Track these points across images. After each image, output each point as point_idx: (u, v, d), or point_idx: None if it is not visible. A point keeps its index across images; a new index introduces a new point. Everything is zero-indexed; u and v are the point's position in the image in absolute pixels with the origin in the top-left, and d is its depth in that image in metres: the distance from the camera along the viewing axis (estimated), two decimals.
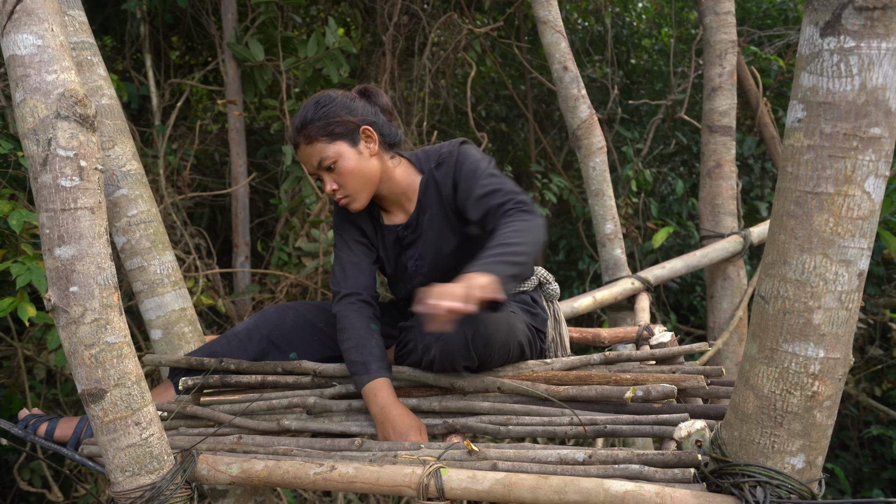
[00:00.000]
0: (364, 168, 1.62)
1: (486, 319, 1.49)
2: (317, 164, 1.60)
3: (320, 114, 1.59)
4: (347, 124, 1.61)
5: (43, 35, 1.16)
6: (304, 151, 1.61)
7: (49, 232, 1.17)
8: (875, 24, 0.96)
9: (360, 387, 1.54)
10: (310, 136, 1.59)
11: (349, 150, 1.60)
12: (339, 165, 1.60)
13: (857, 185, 1.01)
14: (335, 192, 1.62)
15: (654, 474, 1.18)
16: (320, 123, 1.59)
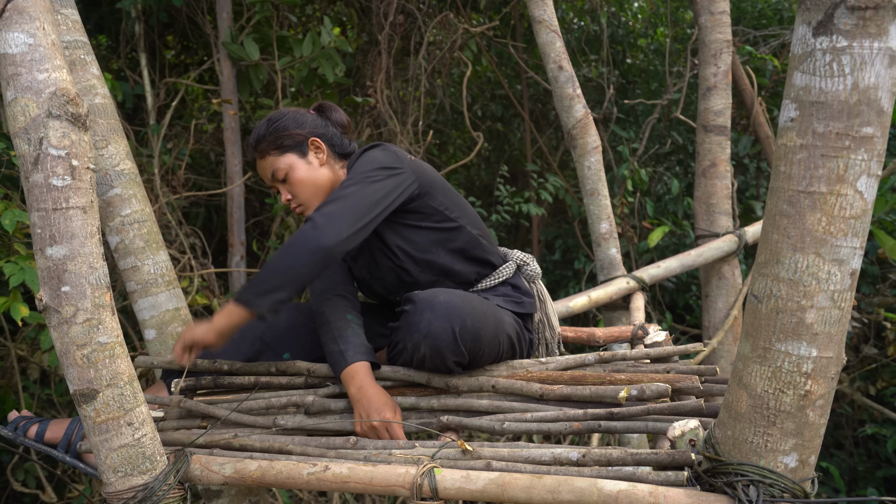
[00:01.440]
0: (314, 177, 1.72)
1: (474, 314, 1.50)
2: (271, 175, 1.72)
3: (271, 129, 1.72)
4: (296, 136, 1.72)
5: (34, 33, 1.16)
6: (260, 166, 1.74)
7: (41, 231, 1.17)
8: (867, 24, 0.96)
9: (338, 373, 1.58)
10: (262, 150, 1.72)
11: (298, 161, 1.71)
12: (291, 176, 1.71)
13: (850, 185, 1.01)
14: (290, 202, 1.73)
15: (647, 474, 1.18)
16: (271, 138, 1.71)
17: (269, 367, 1.68)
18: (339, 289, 1.74)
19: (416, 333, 1.47)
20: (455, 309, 1.47)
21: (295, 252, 1.45)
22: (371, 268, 1.75)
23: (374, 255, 1.72)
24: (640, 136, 4.50)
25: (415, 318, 1.48)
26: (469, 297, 1.54)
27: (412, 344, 1.49)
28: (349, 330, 1.63)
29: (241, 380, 1.66)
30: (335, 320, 1.65)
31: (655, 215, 4.50)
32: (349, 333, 1.62)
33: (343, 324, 1.64)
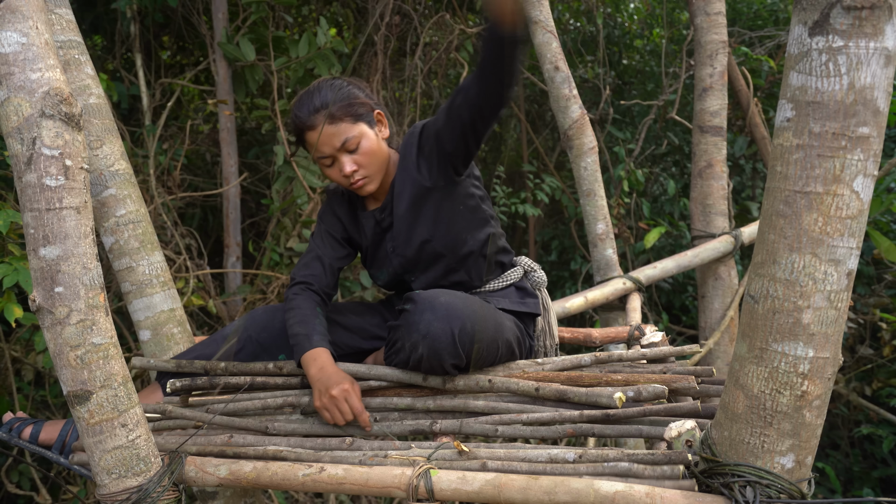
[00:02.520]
0: (381, 150, 1.67)
1: (473, 316, 1.49)
2: (340, 144, 1.61)
3: (342, 95, 1.62)
4: (366, 106, 1.65)
5: (27, 33, 1.15)
6: (326, 132, 1.61)
7: (34, 232, 1.16)
8: (863, 24, 0.96)
9: (300, 355, 1.57)
10: (334, 115, 1.60)
11: (370, 132, 1.64)
12: (363, 145, 1.63)
13: (846, 185, 1.01)
14: (354, 174, 1.64)
15: (644, 474, 1.18)
16: (344, 103, 1.61)
17: (264, 367, 1.67)
18: (317, 285, 1.74)
19: (416, 333, 1.46)
20: (456, 311, 1.46)
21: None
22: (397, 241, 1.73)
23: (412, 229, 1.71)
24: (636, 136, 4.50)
25: (415, 318, 1.47)
26: (470, 300, 1.53)
27: (410, 343, 1.48)
28: (317, 320, 1.64)
29: (237, 380, 1.65)
30: (306, 308, 1.66)
31: (652, 216, 4.51)
32: (317, 322, 1.63)
33: (312, 313, 1.65)
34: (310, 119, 1.62)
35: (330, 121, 1.60)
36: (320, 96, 1.62)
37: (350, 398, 1.48)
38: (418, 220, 1.70)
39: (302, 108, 1.63)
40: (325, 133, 1.61)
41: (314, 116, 1.61)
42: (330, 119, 1.60)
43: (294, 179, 3.55)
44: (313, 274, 1.75)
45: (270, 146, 4.25)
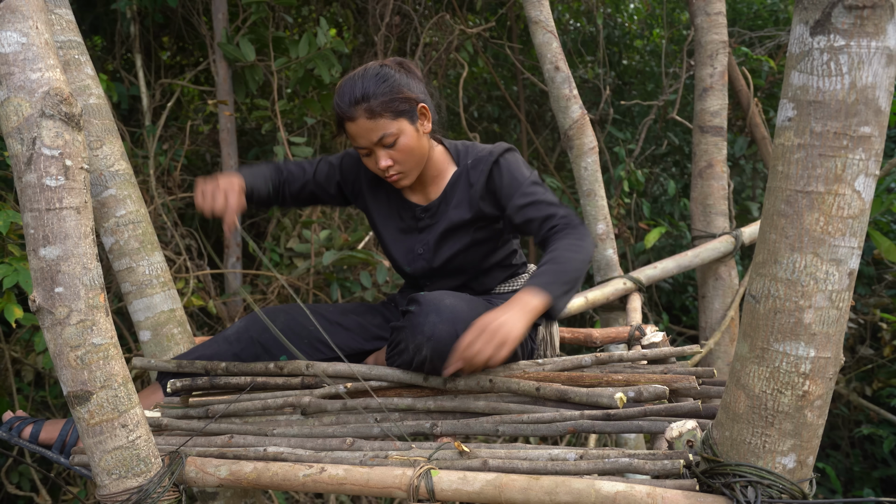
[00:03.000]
0: (420, 146, 1.63)
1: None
2: (377, 139, 1.57)
3: (384, 89, 1.56)
4: (410, 101, 1.59)
5: (27, 33, 1.15)
6: (363, 126, 1.56)
7: (34, 232, 1.16)
8: (864, 23, 0.96)
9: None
10: (373, 110, 1.55)
11: (410, 128, 1.60)
12: (400, 142, 1.58)
13: (848, 184, 1.00)
14: (389, 168, 1.61)
15: (645, 469, 1.18)
16: (385, 98, 1.56)
17: (265, 367, 1.67)
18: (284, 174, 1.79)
19: (420, 335, 1.46)
20: (460, 314, 1.46)
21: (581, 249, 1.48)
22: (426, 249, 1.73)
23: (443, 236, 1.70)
24: (636, 137, 4.50)
25: (419, 320, 1.47)
26: (475, 303, 1.53)
27: (414, 345, 1.48)
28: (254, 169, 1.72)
29: (238, 380, 1.65)
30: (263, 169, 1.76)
31: (652, 216, 4.51)
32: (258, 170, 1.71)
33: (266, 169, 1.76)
34: (349, 110, 1.57)
35: (369, 115, 1.55)
36: (363, 86, 1.56)
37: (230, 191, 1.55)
38: (456, 237, 1.70)
39: (343, 96, 1.58)
40: (362, 127, 1.57)
41: (354, 108, 1.56)
42: (369, 114, 1.55)
43: None
44: (290, 170, 1.79)
45: (270, 147, 4.24)
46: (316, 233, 3.55)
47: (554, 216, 1.57)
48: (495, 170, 1.64)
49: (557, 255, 1.46)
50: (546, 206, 1.58)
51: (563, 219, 1.56)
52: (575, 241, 1.50)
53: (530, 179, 1.62)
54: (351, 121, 1.57)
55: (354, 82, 1.57)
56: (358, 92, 1.56)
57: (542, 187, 1.63)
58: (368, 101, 1.55)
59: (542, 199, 1.59)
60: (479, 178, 1.65)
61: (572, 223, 1.55)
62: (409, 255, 1.76)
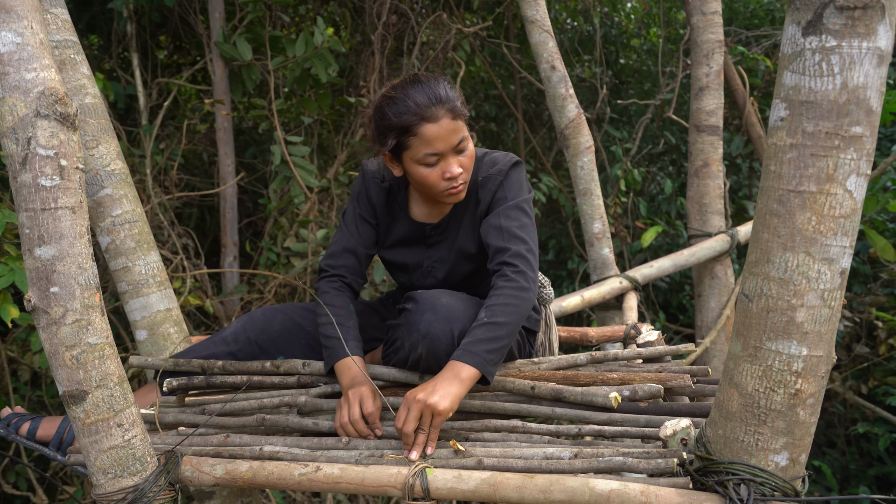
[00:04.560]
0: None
1: (474, 319, 1.49)
2: (457, 142, 1.50)
3: (455, 93, 1.51)
4: (465, 112, 1.55)
5: (22, 33, 1.15)
6: (447, 126, 1.48)
7: (29, 232, 1.16)
8: (856, 24, 0.97)
9: (332, 361, 1.55)
10: (456, 109, 1.49)
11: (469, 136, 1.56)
12: (469, 149, 1.53)
13: (839, 184, 1.01)
14: (460, 176, 1.53)
15: (639, 468, 1.19)
16: (460, 101, 1.51)
17: (262, 365, 1.67)
18: (350, 278, 1.69)
19: (416, 333, 1.46)
20: (456, 312, 1.46)
21: (516, 307, 1.45)
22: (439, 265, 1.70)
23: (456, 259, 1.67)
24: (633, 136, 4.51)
25: (415, 318, 1.47)
26: (471, 302, 1.53)
27: (410, 343, 1.48)
28: (351, 321, 1.60)
29: (234, 379, 1.65)
30: (340, 305, 1.61)
31: (649, 215, 4.51)
32: (351, 325, 1.59)
33: (346, 312, 1.61)
34: (431, 110, 1.47)
35: (453, 115, 1.48)
36: (440, 87, 1.49)
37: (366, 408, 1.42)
38: (469, 260, 1.68)
39: (422, 95, 1.48)
40: (445, 128, 1.47)
41: (437, 108, 1.47)
42: (453, 114, 1.48)
43: (291, 179, 3.55)
44: (346, 265, 1.68)
45: (267, 146, 4.24)
46: (313, 232, 3.55)
47: (505, 251, 1.51)
48: (500, 187, 1.61)
49: (495, 313, 1.43)
50: (508, 237, 1.52)
51: (513, 259, 1.50)
52: (512, 292, 1.46)
53: (516, 202, 1.57)
54: (432, 121, 1.47)
55: (429, 83, 1.50)
56: (441, 92, 1.48)
57: (522, 213, 1.57)
58: (451, 101, 1.48)
59: (510, 227, 1.54)
60: (486, 197, 1.61)
61: (517, 267, 1.49)
62: (417, 269, 1.73)
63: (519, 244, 1.51)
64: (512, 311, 1.44)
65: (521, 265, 1.49)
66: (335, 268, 1.68)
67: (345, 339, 1.55)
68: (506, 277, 1.48)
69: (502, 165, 1.61)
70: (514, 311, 1.44)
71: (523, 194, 1.60)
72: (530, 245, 1.53)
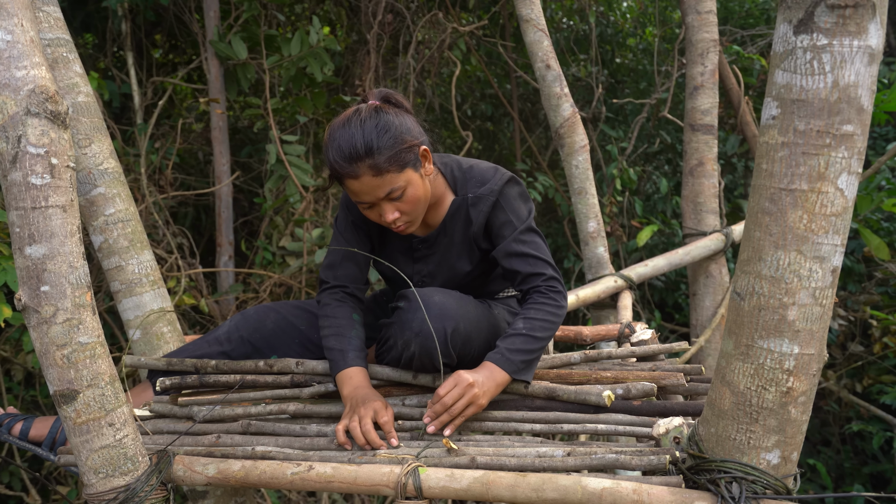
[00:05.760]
0: (426, 191, 1.53)
1: (467, 317, 1.49)
2: (384, 194, 1.45)
3: (387, 140, 1.42)
4: (414, 149, 1.47)
5: (12, 30, 1.14)
6: (369, 183, 1.43)
7: (19, 230, 1.16)
8: (847, 22, 0.97)
9: (335, 373, 1.54)
10: (379, 166, 1.41)
11: (415, 176, 1.48)
12: (408, 193, 1.47)
13: (831, 182, 1.01)
14: (396, 220, 1.50)
15: (631, 464, 1.19)
16: (390, 153, 1.42)
17: (255, 364, 1.67)
18: (352, 287, 1.66)
19: (408, 331, 1.46)
20: (449, 311, 1.46)
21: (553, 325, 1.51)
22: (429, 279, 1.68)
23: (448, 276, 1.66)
24: (628, 135, 4.51)
25: (408, 316, 1.47)
26: (465, 301, 1.53)
27: (403, 341, 1.48)
28: (353, 331, 1.58)
29: (227, 378, 1.65)
30: (341, 316, 1.60)
31: (644, 214, 4.52)
32: (352, 335, 1.58)
33: (347, 322, 1.59)
34: (351, 167, 1.42)
35: (375, 172, 1.42)
36: (364, 139, 1.41)
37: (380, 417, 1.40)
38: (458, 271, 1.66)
39: (342, 151, 1.42)
40: (367, 184, 1.43)
41: (356, 165, 1.41)
42: (375, 171, 1.41)
43: (287, 178, 3.54)
44: (346, 274, 1.65)
45: (263, 145, 4.24)
46: (308, 231, 3.54)
47: (540, 276, 1.55)
48: (496, 207, 1.57)
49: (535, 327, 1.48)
50: (535, 262, 1.55)
51: (548, 282, 1.55)
52: (552, 310, 1.51)
53: (526, 224, 1.57)
54: (353, 178, 1.43)
55: (352, 136, 1.42)
56: (360, 146, 1.41)
57: (535, 234, 1.59)
58: (373, 157, 1.41)
59: (534, 252, 1.56)
60: (479, 219, 1.58)
61: (555, 287, 1.54)
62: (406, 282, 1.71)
63: (547, 268, 1.56)
64: (549, 327, 1.50)
65: (558, 286, 1.55)
66: (336, 278, 1.65)
67: (344, 350, 1.55)
68: (545, 294, 1.53)
69: (494, 185, 1.57)
70: (550, 329, 1.50)
71: (527, 215, 1.60)
72: (555, 267, 1.59)
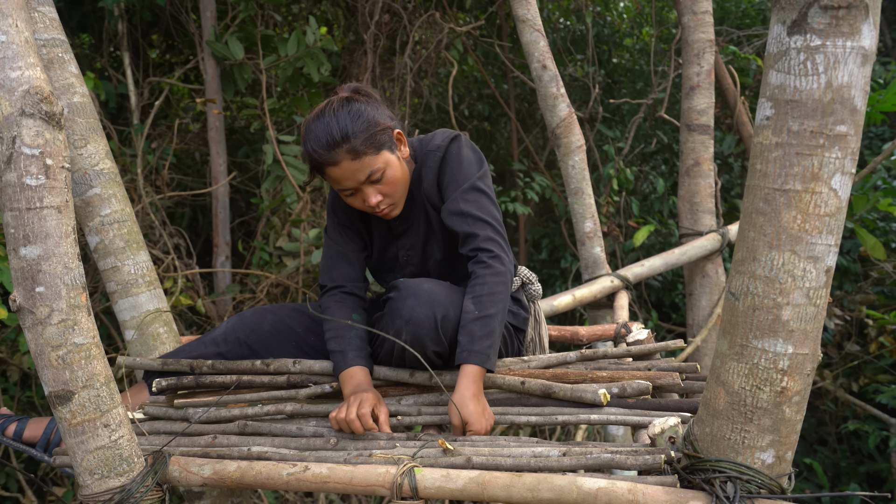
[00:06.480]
0: (404, 173, 1.58)
1: (457, 304, 1.51)
2: (365, 178, 1.50)
3: (361, 124, 1.48)
4: (387, 131, 1.53)
5: (7, 31, 1.14)
6: (348, 168, 1.48)
7: (14, 231, 1.15)
8: (840, 23, 0.97)
9: (337, 373, 1.57)
10: (356, 149, 1.47)
11: (392, 158, 1.53)
12: (388, 175, 1.52)
13: (824, 183, 1.01)
14: (380, 203, 1.54)
15: (626, 464, 1.19)
16: (365, 135, 1.48)
17: (252, 364, 1.66)
18: (350, 286, 1.67)
19: (399, 319, 1.47)
20: (438, 298, 1.48)
21: (500, 293, 1.49)
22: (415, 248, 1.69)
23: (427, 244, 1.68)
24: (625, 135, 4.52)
25: (398, 304, 1.48)
26: (454, 290, 1.54)
27: (394, 330, 1.49)
28: (352, 331, 1.60)
29: (224, 379, 1.65)
30: (339, 317, 1.62)
31: (641, 214, 4.52)
32: (352, 335, 1.59)
33: (347, 325, 1.61)
34: (330, 154, 1.47)
35: (353, 156, 1.47)
36: (339, 126, 1.47)
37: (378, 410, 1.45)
38: (432, 237, 1.68)
39: (319, 141, 1.48)
40: (347, 169, 1.48)
41: (335, 152, 1.47)
42: (353, 154, 1.47)
43: (283, 178, 3.54)
44: (342, 275, 1.67)
45: (259, 145, 4.23)
46: (305, 231, 3.54)
47: (474, 237, 1.53)
48: (443, 164, 1.61)
49: (482, 304, 1.48)
50: (474, 222, 1.53)
51: (484, 243, 1.52)
52: (492, 279, 1.49)
53: (470, 183, 1.56)
54: (333, 165, 1.48)
55: (328, 125, 1.48)
56: (336, 133, 1.46)
57: (479, 193, 1.57)
58: (349, 142, 1.47)
59: (473, 212, 1.54)
60: (428, 175, 1.62)
61: (491, 252, 1.52)
62: (395, 263, 1.74)
63: (485, 227, 1.54)
64: (498, 298, 1.49)
65: (494, 248, 1.53)
66: (332, 280, 1.68)
67: (344, 351, 1.57)
68: (483, 264, 1.52)
69: (440, 141, 1.61)
70: (499, 299, 1.50)
71: (474, 172, 1.59)
72: (495, 225, 1.55)
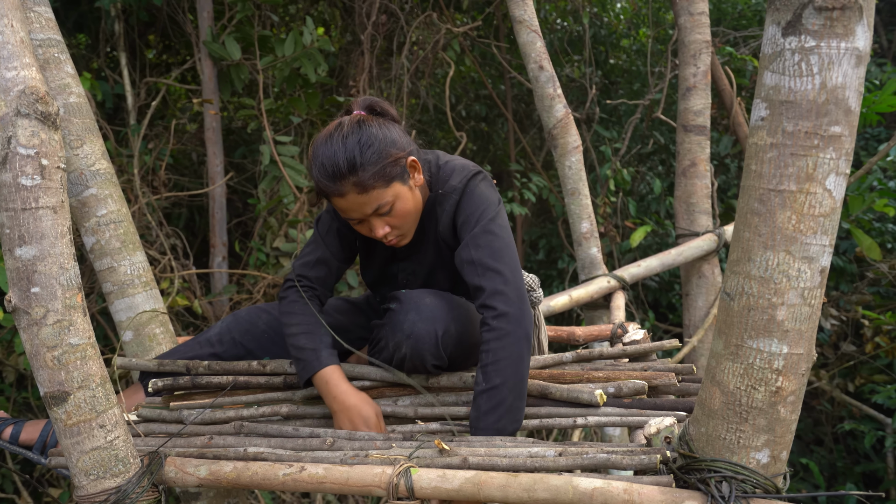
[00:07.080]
0: (416, 203, 1.49)
1: (459, 319, 1.49)
2: (372, 211, 1.42)
3: (371, 156, 1.38)
4: (399, 161, 1.43)
5: (2, 31, 1.14)
6: (355, 200, 1.40)
7: (9, 232, 1.15)
8: (834, 24, 0.97)
9: (308, 374, 1.50)
10: (364, 183, 1.38)
11: (404, 189, 1.44)
12: (397, 208, 1.44)
13: (819, 183, 1.02)
14: (387, 235, 1.47)
15: (622, 463, 1.19)
16: (375, 168, 1.38)
17: (248, 365, 1.66)
18: (320, 290, 1.64)
19: (399, 333, 1.46)
20: (440, 312, 1.46)
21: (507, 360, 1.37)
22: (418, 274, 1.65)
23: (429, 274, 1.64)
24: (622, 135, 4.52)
25: (399, 318, 1.47)
26: (457, 302, 1.53)
27: (394, 343, 1.48)
28: (322, 330, 1.55)
29: (220, 379, 1.64)
30: (309, 314, 1.55)
31: (638, 215, 4.53)
32: (323, 332, 1.55)
33: (316, 320, 1.55)
34: (335, 186, 1.39)
35: (360, 189, 1.38)
36: (346, 156, 1.37)
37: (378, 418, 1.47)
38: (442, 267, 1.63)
39: (325, 170, 1.39)
40: (353, 201, 1.40)
41: (340, 183, 1.38)
42: (360, 188, 1.38)
43: (280, 179, 3.54)
44: (318, 276, 1.61)
45: (257, 146, 4.23)
46: (302, 232, 3.54)
47: (482, 291, 1.42)
48: (459, 206, 1.52)
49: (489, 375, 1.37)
50: (481, 272, 1.42)
51: (491, 300, 1.40)
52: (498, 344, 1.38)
53: (482, 226, 1.47)
54: (339, 196, 1.40)
55: (335, 151, 1.38)
56: (342, 164, 1.37)
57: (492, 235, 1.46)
58: (357, 174, 1.37)
59: (480, 259, 1.43)
60: (444, 218, 1.54)
61: (497, 311, 1.39)
62: (392, 280, 1.70)
63: (493, 278, 1.42)
64: (503, 364, 1.37)
65: (499, 305, 1.40)
66: (307, 278, 1.62)
67: (315, 349, 1.50)
68: (487, 327, 1.40)
69: (457, 182, 1.51)
70: (505, 365, 1.38)
71: (488, 213, 1.49)
72: (506, 274, 1.43)
